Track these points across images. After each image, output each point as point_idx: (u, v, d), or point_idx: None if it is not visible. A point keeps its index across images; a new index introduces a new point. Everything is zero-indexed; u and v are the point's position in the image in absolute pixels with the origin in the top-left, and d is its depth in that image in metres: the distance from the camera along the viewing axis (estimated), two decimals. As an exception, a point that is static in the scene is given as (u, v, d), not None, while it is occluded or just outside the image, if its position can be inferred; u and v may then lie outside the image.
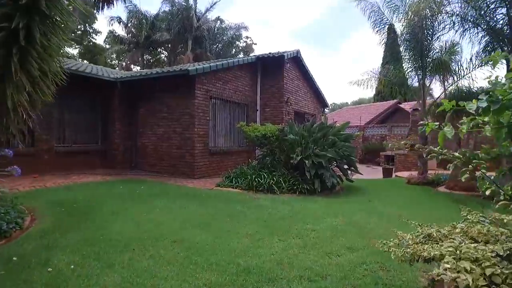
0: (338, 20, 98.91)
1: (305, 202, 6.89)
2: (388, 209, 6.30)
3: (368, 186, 9.37)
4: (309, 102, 15.74)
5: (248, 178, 8.19)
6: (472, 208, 3.29)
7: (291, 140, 8.19)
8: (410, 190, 8.92)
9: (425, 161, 10.22)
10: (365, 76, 12.44)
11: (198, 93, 9.88)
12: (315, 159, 7.77)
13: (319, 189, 7.72)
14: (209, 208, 5.92)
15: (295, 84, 14.16)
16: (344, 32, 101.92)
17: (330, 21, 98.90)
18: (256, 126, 8.77)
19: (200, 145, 10.00)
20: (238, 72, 12.06)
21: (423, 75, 10.17)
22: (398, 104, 23.28)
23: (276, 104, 13.13)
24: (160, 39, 24.89)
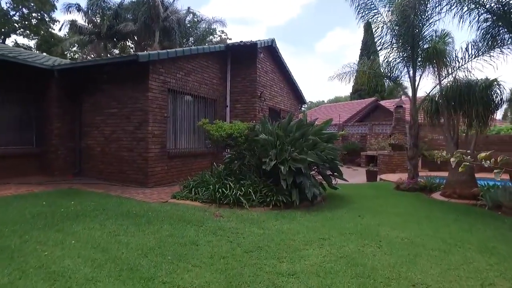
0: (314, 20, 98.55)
1: (281, 220, 5.43)
2: (386, 230, 4.93)
3: (354, 194, 8.05)
4: (285, 98, 14.35)
5: (210, 188, 6.66)
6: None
7: (263, 141, 6.71)
8: (402, 198, 7.66)
9: (416, 163, 9.03)
10: (346, 69, 11.23)
11: (153, 84, 8.22)
12: (292, 164, 6.33)
13: (297, 201, 6.29)
14: (150, 236, 4.33)
15: (270, 78, 12.72)
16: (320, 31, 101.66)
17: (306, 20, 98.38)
18: (221, 124, 7.23)
19: (155, 147, 8.36)
20: (204, 62, 10.47)
21: (413, 65, 8.95)
22: (378, 102, 22.40)
23: (248, 99, 11.64)
24: (124, 29, 22.78)
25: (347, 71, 11.20)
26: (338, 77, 11.39)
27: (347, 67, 11.18)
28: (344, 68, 11.22)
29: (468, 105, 7.20)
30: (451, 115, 7.53)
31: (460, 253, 4.04)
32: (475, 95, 7.22)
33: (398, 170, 12.92)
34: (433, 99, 8.10)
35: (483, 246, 4.34)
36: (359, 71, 10.97)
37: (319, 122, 7.72)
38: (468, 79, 7.56)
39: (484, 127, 7.30)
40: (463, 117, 7.59)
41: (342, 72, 11.27)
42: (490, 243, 4.48)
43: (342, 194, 7.86)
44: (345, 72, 11.24)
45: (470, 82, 7.47)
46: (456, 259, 3.83)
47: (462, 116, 7.55)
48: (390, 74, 10.07)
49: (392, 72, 9.97)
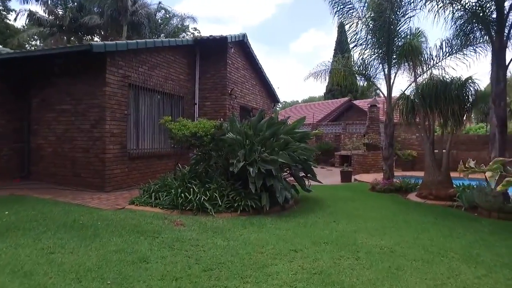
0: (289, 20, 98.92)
1: (249, 228, 4.89)
2: (363, 237, 4.50)
3: (328, 196, 7.64)
4: (257, 96, 13.85)
5: (172, 193, 6.02)
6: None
7: (230, 140, 6.14)
8: (378, 200, 7.32)
9: (391, 164, 8.76)
10: (321, 67, 10.89)
11: (111, 78, 7.46)
12: (262, 166, 5.81)
13: (267, 206, 5.76)
14: (92, 253, 3.66)
15: (241, 74, 12.16)
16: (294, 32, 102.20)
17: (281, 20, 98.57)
18: (185, 123, 6.60)
19: (114, 147, 7.59)
20: (170, 56, 9.77)
21: (388, 63, 8.68)
22: (351, 101, 22.38)
23: (218, 96, 11.04)
24: (89, 23, 21.49)
25: (322, 69, 10.90)
26: (313, 75, 11.07)
27: (322, 65, 10.88)
28: (319, 66, 10.92)
29: (444, 103, 6.95)
30: (427, 113, 7.28)
31: (444, 263, 3.65)
32: (451, 93, 7.00)
33: (373, 170, 12.73)
34: (408, 97, 7.84)
35: (467, 254, 3.98)
36: (334, 69, 10.65)
37: (292, 121, 7.25)
38: (444, 77, 7.32)
39: (459, 125, 7.10)
40: (438, 116, 7.35)
41: (317, 71, 10.96)
42: (473, 249, 4.15)
43: (316, 196, 7.43)
44: (320, 71, 10.93)
45: (446, 80, 7.24)
46: (442, 271, 3.43)
47: (438, 115, 7.31)
48: (365, 72, 9.79)
49: (367, 70, 9.70)
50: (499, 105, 6.19)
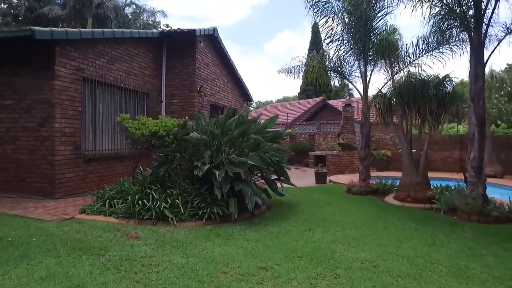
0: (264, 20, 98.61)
1: (213, 241, 4.29)
2: (342, 249, 4.02)
3: (303, 200, 7.16)
4: (229, 94, 13.24)
5: (128, 199, 5.32)
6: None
7: (195, 140, 5.52)
8: (354, 203, 6.92)
9: (368, 164, 8.42)
10: (295, 62, 10.43)
11: (62, 71, 6.63)
12: (230, 169, 5.22)
13: (235, 213, 5.18)
14: (12, 282, 2.95)
15: (212, 71, 11.52)
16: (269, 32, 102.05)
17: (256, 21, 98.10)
18: (144, 121, 5.91)
19: (66, 148, 6.77)
20: (133, 49, 8.99)
21: (365, 59, 8.34)
22: (326, 101, 22.23)
23: (186, 94, 10.34)
24: (50, 14, 20.06)
25: (295, 65, 10.43)
26: (286, 71, 10.59)
27: (295, 61, 10.40)
28: (292, 61, 10.44)
29: (422, 102, 6.65)
30: (404, 112, 6.96)
31: (433, 280, 3.22)
32: (429, 92, 6.71)
33: (348, 171, 12.44)
34: (385, 96, 7.51)
35: (455, 266, 3.59)
36: (308, 66, 10.24)
37: (264, 120, 6.72)
38: (421, 74, 7.04)
39: (438, 124, 6.82)
40: (416, 114, 7.06)
41: (291, 66, 10.48)
42: (460, 260, 3.76)
43: (289, 200, 6.94)
44: (293, 67, 10.46)
45: (423, 78, 6.95)
46: (431, 290, 2.99)
47: (416, 113, 7.01)
48: (340, 69, 9.41)
49: (343, 67, 9.32)
50: (478, 103, 5.92)
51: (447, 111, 6.72)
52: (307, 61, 10.38)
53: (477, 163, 5.86)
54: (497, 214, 5.58)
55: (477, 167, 5.86)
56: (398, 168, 13.17)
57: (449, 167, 13.12)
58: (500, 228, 5.20)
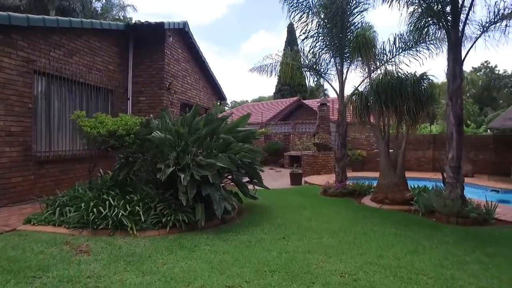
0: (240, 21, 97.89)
1: (175, 254, 3.80)
2: (319, 260, 3.64)
3: (277, 203, 6.77)
4: (201, 92, 12.69)
5: (82, 207, 4.72)
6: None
7: (158, 140, 4.99)
8: (331, 206, 6.60)
9: (344, 165, 8.15)
10: (268, 60, 10.03)
11: (6, 62, 5.91)
12: (197, 172, 4.74)
13: (202, 220, 4.70)
14: None
15: (182, 68, 10.94)
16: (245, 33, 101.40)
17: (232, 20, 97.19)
18: (102, 119, 5.31)
19: (12, 149, 6.04)
20: (96, 42, 8.29)
21: (341, 56, 8.07)
22: (301, 101, 22.07)
23: (154, 91, 9.72)
24: (5, 3, 18.65)
25: (268, 62, 10.02)
26: (259, 70, 10.17)
27: (269, 58, 10.00)
28: (265, 59, 10.03)
29: (400, 100, 6.43)
30: (382, 111, 6.71)
31: (419, 296, 2.89)
32: (406, 90, 6.50)
33: (324, 172, 12.21)
34: (362, 94, 7.25)
35: (441, 276, 3.29)
36: (283, 63, 9.87)
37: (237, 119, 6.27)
38: (398, 72, 6.81)
39: (415, 124, 6.62)
40: (394, 113, 6.84)
41: (263, 65, 10.06)
42: (445, 270, 3.48)
43: (263, 204, 6.53)
44: (266, 65, 10.04)
45: (401, 76, 6.73)
46: (419, 309, 2.65)
47: (393, 112, 6.79)
48: (315, 66, 9.11)
49: (318, 64, 9.03)
50: (456, 102, 5.75)
51: (424, 110, 6.53)
52: (282, 59, 10.02)
53: (455, 163, 5.68)
54: (475, 215, 5.42)
55: (455, 167, 5.68)
56: (374, 168, 13.13)
57: (422, 166, 13.19)
58: (479, 231, 5.02)
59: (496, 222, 5.54)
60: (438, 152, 13.26)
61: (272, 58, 10.01)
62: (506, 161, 11.31)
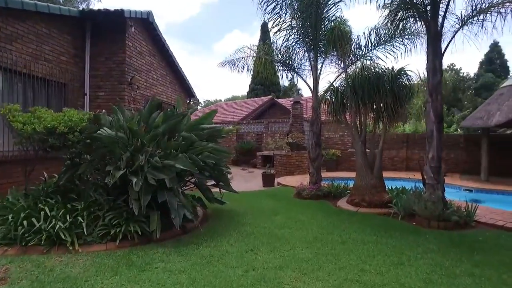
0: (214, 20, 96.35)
1: (120, 276, 3.14)
2: (291, 277, 3.10)
3: (246, 208, 6.20)
4: (168, 89, 11.91)
5: (9, 219, 3.94)
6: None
7: (108, 139, 4.28)
8: (305, 210, 6.09)
9: (319, 165, 7.70)
10: (240, 54, 9.48)
11: None
12: (152, 175, 4.08)
13: (158, 232, 4.03)
14: None
15: (147, 61, 10.14)
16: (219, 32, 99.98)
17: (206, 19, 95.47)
18: (40, 114, 4.52)
19: None
20: (44, 28, 7.36)
21: (315, 51, 7.62)
22: (274, 99, 21.66)
23: (115, 86, 8.88)
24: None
25: (240, 56, 9.46)
26: (230, 64, 9.61)
27: (240, 52, 9.44)
28: (236, 53, 9.46)
29: (378, 97, 6.03)
30: (359, 108, 6.29)
31: (411, 324, 2.40)
32: (384, 86, 6.11)
33: (297, 172, 11.77)
34: (338, 90, 6.80)
35: (431, 296, 2.83)
36: (255, 58, 9.32)
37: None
38: (375, 67, 6.42)
39: (393, 121, 6.25)
40: (371, 111, 6.45)
41: (235, 58, 9.50)
42: (435, 286, 3.03)
43: (231, 209, 5.94)
44: (238, 59, 9.49)
45: (378, 72, 6.34)
46: None
47: (371, 110, 6.39)
48: (288, 61, 8.63)
49: (291, 59, 8.55)
50: (436, 98, 5.40)
51: (403, 106, 6.17)
52: (254, 53, 9.46)
53: (436, 163, 5.33)
54: (456, 218, 5.08)
55: (436, 167, 5.33)
56: (348, 168, 12.89)
57: (396, 166, 13.06)
58: (462, 235, 4.67)
59: (476, 225, 5.24)
60: (411, 152, 13.19)
61: (244, 52, 9.46)
62: (477, 160, 11.33)
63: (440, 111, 5.38)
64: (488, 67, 34.30)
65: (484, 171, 10.60)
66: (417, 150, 13.01)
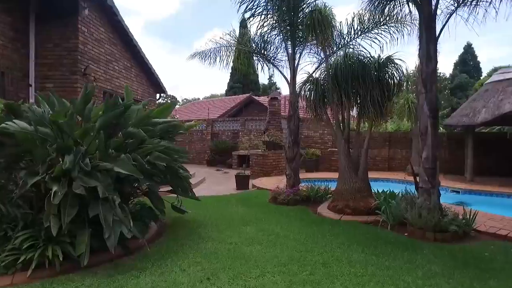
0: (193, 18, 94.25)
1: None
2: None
3: (212, 217, 5.29)
4: (134, 83, 10.83)
5: None
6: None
7: (22, 135, 3.27)
8: (281, 220, 5.24)
9: (297, 167, 6.88)
10: (211, 44, 8.56)
11: None
12: (82, 182, 3.11)
13: (86, 257, 3.06)
14: None
15: (107, 51, 9.05)
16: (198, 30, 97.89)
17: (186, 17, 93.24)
18: None
19: None
20: (-26, 6, 6.21)
21: (293, 39, 6.81)
22: (252, 96, 20.83)
23: (66, 76, 7.79)
24: None
25: (211, 47, 8.54)
26: (201, 55, 8.67)
27: (211, 42, 8.52)
28: (207, 44, 8.54)
29: (364, 88, 5.27)
30: (342, 102, 5.51)
31: None
32: (371, 76, 5.36)
33: (274, 173, 10.96)
34: (318, 81, 6.01)
35: None
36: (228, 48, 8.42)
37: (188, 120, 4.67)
38: (360, 55, 5.66)
39: (380, 116, 5.50)
40: (355, 105, 5.69)
41: (206, 49, 8.57)
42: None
43: (194, 219, 5.03)
44: (209, 49, 8.56)
45: (363, 60, 5.57)
46: None
47: (355, 103, 5.64)
48: (263, 51, 7.79)
49: (267, 49, 7.71)
50: (431, 89, 4.68)
51: (391, 99, 5.45)
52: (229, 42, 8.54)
53: (431, 164, 4.60)
54: (454, 228, 4.37)
55: (431, 169, 4.60)
56: (329, 168, 12.19)
57: (378, 166, 12.48)
58: (465, 251, 3.93)
59: (476, 235, 4.56)
60: (393, 151, 12.65)
61: (216, 42, 8.54)
62: (460, 159, 10.87)
63: (435, 104, 4.66)
64: (462, 68, 34.77)
65: (470, 171, 10.12)
66: (400, 149, 12.49)
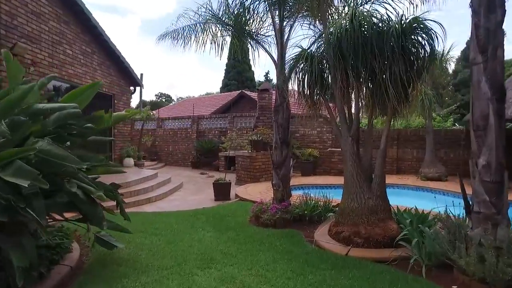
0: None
1: None
2: None
3: (158, 252, 3.56)
4: (96, 72, 9.08)
5: None
6: None
7: None
8: (258, 255, 3.53)
9: (287, 174, 5.13)
10: (184, 22, 6.89)
11: None
12: None
13: None
14: None
15: (52, 29, 7.32)
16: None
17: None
18: None
19: None
20: None
21: (280, 7, 5.10)
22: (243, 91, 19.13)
23: (-10, 58, 6.03)
24: None
25: (185, 25, 6.86)
26: (172, 36, 7.01)
27: (183, 18, 6.85)
28: (181, 21, 6.87)
29: (380, 63, 3.56)
30: (348, 83, 3.81)
31: None
32: (389, 44, 3.64)
33: (264, 178, 9.26)
34: (313, 57, 4.29)
35: None
36: (204, 24, 6.73)
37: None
38: (376, 16, 3.92)
39: (405, 103, 3.78)
40: (366, 88, 3.98)
41: (179, 27, 6.91)
42: None
43: (127, 256, 3.31)
44: (182, 28, 6.89)
45: (379, 24, 3.84)
46: None
47: (365, 86, 3.93)
48: (245, 27, 6.10)
49: (248, 23, 6.02)
50: (493, 56, 2.98)
51: (420, 78, 3.74)
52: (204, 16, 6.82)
53: (495, 175, 2.89)
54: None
55: (495, 183, 2.90)
56: (328, 172, 10.51)
57: (385, 168, 10.74)
58: None
59: None
60: (402, 151, 10.97)
61: (190, 18, 6.83)
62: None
63: (502, 79, 2.96)
64: (465, 64, 33.35)
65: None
66: (410, 149, 10.81)
